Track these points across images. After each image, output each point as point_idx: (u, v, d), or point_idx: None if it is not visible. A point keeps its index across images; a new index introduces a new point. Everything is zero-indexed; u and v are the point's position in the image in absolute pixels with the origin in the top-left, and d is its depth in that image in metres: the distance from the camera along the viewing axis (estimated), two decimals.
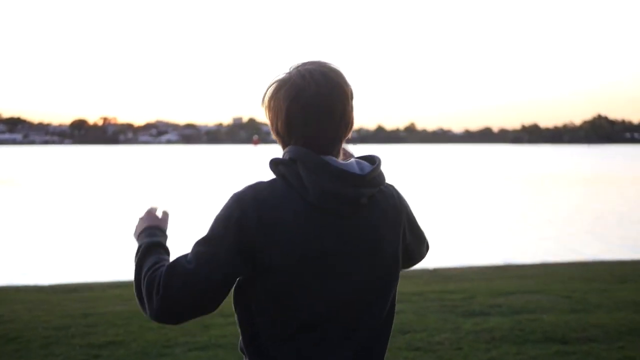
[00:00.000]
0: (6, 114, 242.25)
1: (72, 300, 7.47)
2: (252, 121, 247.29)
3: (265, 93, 2.01)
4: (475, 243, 13.65)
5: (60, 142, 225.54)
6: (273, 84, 1.99)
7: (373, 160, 2.02)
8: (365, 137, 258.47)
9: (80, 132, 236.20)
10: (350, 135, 2.05)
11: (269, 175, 1.95)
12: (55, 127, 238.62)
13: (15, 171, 46.49)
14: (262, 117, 2.03)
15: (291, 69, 2.00)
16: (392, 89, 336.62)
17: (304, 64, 2.01)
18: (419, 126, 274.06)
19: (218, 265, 1.87)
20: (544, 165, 57.47)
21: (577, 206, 21.32)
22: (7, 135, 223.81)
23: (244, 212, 1.88)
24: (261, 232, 1.88)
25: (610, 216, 18.35)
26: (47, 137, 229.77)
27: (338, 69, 2.02)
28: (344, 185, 1.90)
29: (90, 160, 75.42)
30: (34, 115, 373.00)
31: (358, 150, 2.26)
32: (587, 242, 13.79)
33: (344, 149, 2.08)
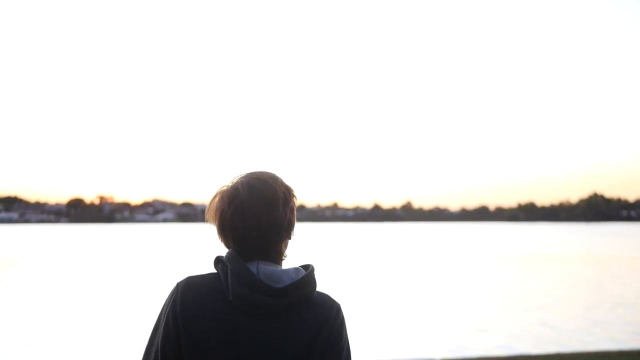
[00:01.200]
0: (2, 193, 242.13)
1: None
2: None
3: (209, 202, 2.23)
4: (472, 330, 13.34)
5: (57, 221, 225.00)
6: (215, 195, 2.23)
7: (299, 273, 2.15)
8: (362, 215, 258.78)
9: (77, 211, 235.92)
10: (290, 236, 2.22)
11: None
12: (51, 206, 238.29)
13: (11, 251, 46.15)
14: None
15: (232, 180, 2.23)
16: (388, 167, 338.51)
17: (242, 176, 2.24)
18: (416, 204, 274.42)
19: (157, 346, 2.12)
20: (540, 244, 57.19)
21: (576, 288, 21.05)
22: (3, 214, 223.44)
23: (175, 300, 2.12)
24: (184, 320, 2.09)
25: (611, 299, 18.07)
26: (44, 216, 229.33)
27: (269, 179, 2.21)
28: (256, 293, 2.08)
29: (86, 239, 75.03)
30: (30, 194, 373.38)
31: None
32: (587, 329, 13.50)
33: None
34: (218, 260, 2.17)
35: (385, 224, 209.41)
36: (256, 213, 2.15)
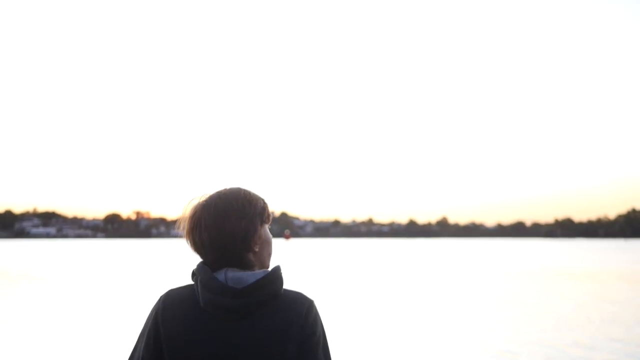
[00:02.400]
0: (41, 209, 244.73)
1: None
2: (284, 215, 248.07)
3: (182, 220, 2.43)
4: (500, 351, 13.02)
5: (94, 236, 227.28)
6: (187, 211, 2.41)
7: (265, 272, 2.31)
8: (398, 231, 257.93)
9: (114, 226, 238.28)
10: (250, 245, 2.33)
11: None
12: (88, 221, 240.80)
13: (48, 265, 46.50)
14: (294, 211, 2.26)
15: (205, 196, 2.41)
16: (424, 182, 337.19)
17: (215, 192, 2.41)
18: (452, 220, 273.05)
19: (142, 344, 2.32)
20: (578, 261, 56.39)
21: (615, 307, 20.56)
22: (41, 229, 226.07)
23: (158, 308, 2.32)
24: (162, 329, 2.28)
25: None
26: (81, 231, 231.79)
27: (228, 192, 2.38)
28: (221, 296, 2.24)
29: (122, 254, 75.47)
30: (68, 209, 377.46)
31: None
32: (628, 351, 13.11)
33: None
34: (193, 273, 2.35)
35: (421, 239, 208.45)
36: (208, 226, 2.32)
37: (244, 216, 2.33)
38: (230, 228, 2.31)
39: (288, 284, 2.36)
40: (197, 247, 2.36)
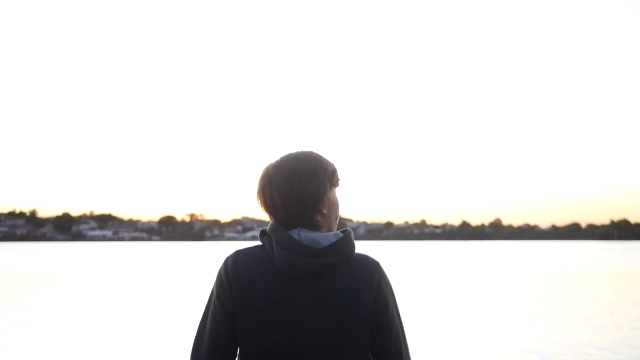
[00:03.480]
0: (98, 212, 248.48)
1: None
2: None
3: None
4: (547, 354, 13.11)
5: (149, 239, 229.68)
6: (261, 175, 2.46)
7: (338, 236, 2.36)
8: (451, 233, 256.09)
9: (169, 229, 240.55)
10: (320, 207, 2.39)
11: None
12: (144, 224, 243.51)
13: (106, 266, 47.23)
14: (346, 213, 2.37)
15: (278, 158, 2.46)
16: (477, 184, 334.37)
17: (287, 154, 2.46)
18: (505, 222, 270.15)
19: (211, 315, 2.37)
20: (635, 264, 55.59)
21: None
22: (98, 232, 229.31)
23: (226, 271, 2.34)
24: (233, 287, 2.31)
25: None
26: (137, 234, 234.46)
27: (301, 155, 2.44)
28: (300, 256, 2.28)
29: (177, 256, 76.21)
30: (124, 212, 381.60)
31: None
32: None
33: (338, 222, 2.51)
34: (263, 234, 2.42)
35: (474, 242, 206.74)
36: (280, 186, 2.38)
37: (315, 178, 2.40)
38: (301, 188, 2.37)
39: None
40: (268, 207, 2.43)
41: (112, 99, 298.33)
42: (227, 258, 2.38)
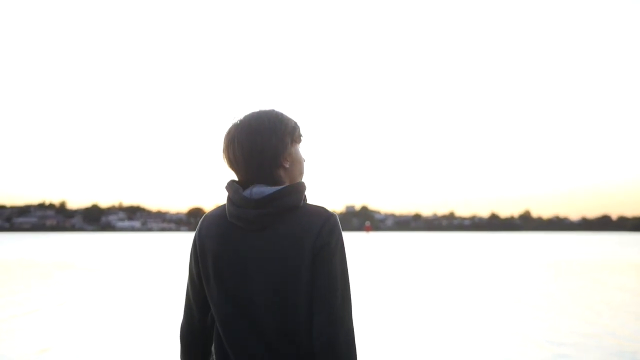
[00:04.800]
0: (126, 203, 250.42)
1: None
2: (364, 209, 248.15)
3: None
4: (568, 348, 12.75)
5: (177, 229, 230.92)
6: (224, 134, 2.60)
7: (283, 186, 2.50)
8: (479, 224, 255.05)
9: (197, 220, 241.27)
10: (279, 162, 2.53)
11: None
12: (172, 215, 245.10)
13: (136, 256, 47.42)
14: (374, 205, 2.46)
15: (240, 117, 2.59)
16: (506, 175, 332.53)
17: (249, 113, 2.59)
18: (535, 213, 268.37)
19: (188, 279, 2.60)
20: None
21: None
22: (126, 223, 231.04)
23: (194, 234, 2.59)
24: (197, 246, 2.55)
25: None
26: (165, 225, 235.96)
27: (262, 112, 2.56)
28: (243, 208, 2.45)
29: None
30: (152, 203, 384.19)
31: None
32: None
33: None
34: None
35: (503, 233, 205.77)
36: (241, 142, 2.51)
37: (275, 133, 2.52)
38: (262, 144, 2.49)
39: (365, 275, 2.38)
40: (232, 163, 2.57)
41: (141, 90, 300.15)
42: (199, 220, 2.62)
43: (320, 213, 2.46)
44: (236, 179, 2.61)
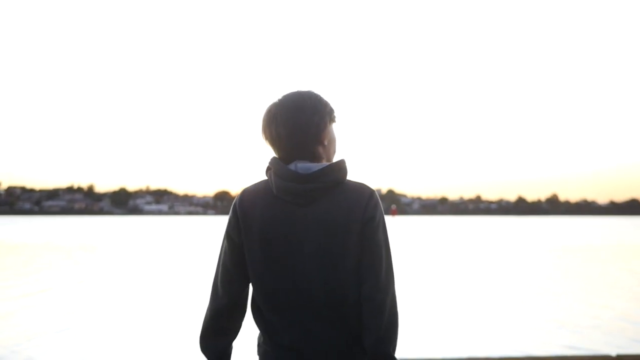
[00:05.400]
0: (154, 187, 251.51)
1: None
2: (390, 192, 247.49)
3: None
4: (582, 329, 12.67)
5: (204, 213, 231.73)
6: (264, 113, 2.71)
7: (329, 163, 2.65)
8: (506, 208, 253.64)
9: (223, 203, 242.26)
10: (320, 141, 2.65)
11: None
12: (199, 199, 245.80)
13: (162, 239, 47.70)
14: (400, 188, 2.57)
15: (279, 97, 2.69)
16: (533, 158, 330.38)
17: (288, 93, 2.70)
18: (562, 197, 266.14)
19: (223, 250, 2.71)
20: None
21: None
22: (154, 206, 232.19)
23: (234, 207, 2.68)
24: (239, 219, 2.63)
25: None
26: (192, 208, 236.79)
27: (303, 92, 2.68)
28: (292, 182, 2.56)
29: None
30: (179, 187, 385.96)
31: None
32: None
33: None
34: (267, 168, 2.69)
35: (530, 217, 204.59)
36: (284, 120, 2.63)
37: (316, 112, 2.65)
38: (305, 122, 2.62)
39: (395, 259, 2.53)
40: (273, 140, 2.67)
41: (169, 75, 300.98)
42: (236, 197, 2.70)
43: (364, 189, 2.64)
44: (276, 156, 2.71)
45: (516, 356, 9.67)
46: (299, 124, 2.62)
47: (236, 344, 3.01)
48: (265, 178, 2.70)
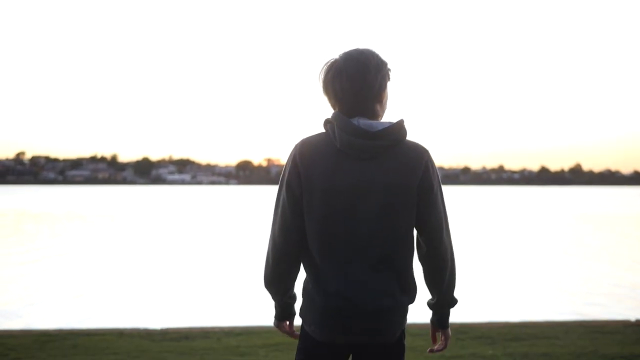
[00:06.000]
0: (176, 156, 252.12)
1: (176, 351, 7.01)
2: None
3: (320, 73, 2.81)
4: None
5: (226, 182, 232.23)
6: (324, 66, 2.79)
7: (392, 122, 2.73)
8: (529, 178, 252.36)
9: (245, 173, 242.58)
10: (381, 99, 2.77)
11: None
12: (221, 168, 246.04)
13: (184, 208, 47.97)
14: None
15: (342, 53, 2.78)
16: (557, 127, 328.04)
17: (352, 49, 2.77)
18: (585, 167, 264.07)
19: (281, 199, 2.78)
20: None
21: None
22: (176, 176, 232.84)
23: (293, 157, 2.75)
24: (300, 169, 2.71)
25: None
26: (214, 178, 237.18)
27: (365, 50, 2.76)
28: (358, 138, 2.66)
29: (254, 199, 77.05)
30: (202, 157, 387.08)
31: None
32: None
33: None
34: (327, 122, 2.76)
35: (553, 187, 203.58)
36: (351, 75, 2.71)
37: (380, 70, 2.75)
38: (371, 79, 2.72)
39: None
40: (337, 95, 2.75)
41: (190, 44, 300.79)
42: (296, 145, 2.76)
43: (421, 149, 2.77)
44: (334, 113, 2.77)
45: (536, 320, 9.68)
46: (365, 81, 2.71)
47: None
48: (324, 131, 2.77)
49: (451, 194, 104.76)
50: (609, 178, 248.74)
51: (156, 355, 6.85)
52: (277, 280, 2.84)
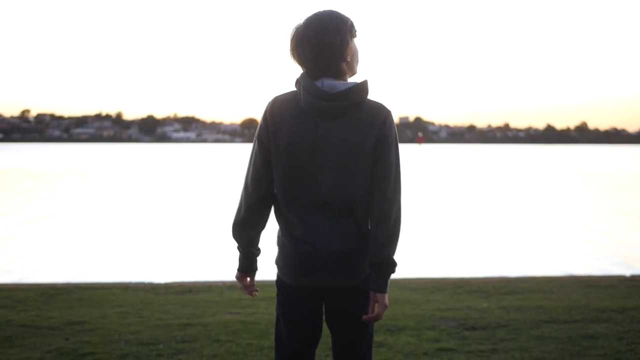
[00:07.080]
0: (181, 114, 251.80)
1: (179, 304, 7.23)
2: (418, 120, 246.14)
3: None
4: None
5: (231, 141, 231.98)
6: (292, 35, 2.97)
7: (354, 82, 2.92)
8: (534, 136, 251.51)
9: (250, 131, 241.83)
10: (344, 57, 2.93)
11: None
12: (226, 126, 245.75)
13: (189, 166, 48.03)
14: (428, 116, 2.81)
15: (303, 19, 2.96)
16: (562, 85, 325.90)
17: (311, 15, 2.95)
18: (591, 125, 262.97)
19: (254, 151, 3.04)
20: None
21: None
22: (181, 134, 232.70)
23: (264, 113, 2.99)
24: (269, 125, 2.96)
25: None
26: (219, 136, 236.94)
27: (324, 13, 2.93)
28: (319, 99, 2.88)
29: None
30: (207, 114, 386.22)
31: None
32: None
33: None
34: (297, 81, 2.96)
35: (559, 146, 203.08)
36: (310, 40, 2.90)
37: (338, 32, 2.90)
38: (329, 42, 2.89)
39: (416, 188, 2.70)
40: (302, 60, 2.95)
41: (195, 3, 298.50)
42: (269, 101, 3.00)
43: (382, 109, 2.95)
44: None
45: (534, 275, 9.86)
46: (324, 45, 2.89)
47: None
48: (295, 89, 2.99)
49: (456, 153, 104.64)
50: (615, 136, 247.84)
51: (160, 308, 7.05)
52: (246, 226, 3.09)
